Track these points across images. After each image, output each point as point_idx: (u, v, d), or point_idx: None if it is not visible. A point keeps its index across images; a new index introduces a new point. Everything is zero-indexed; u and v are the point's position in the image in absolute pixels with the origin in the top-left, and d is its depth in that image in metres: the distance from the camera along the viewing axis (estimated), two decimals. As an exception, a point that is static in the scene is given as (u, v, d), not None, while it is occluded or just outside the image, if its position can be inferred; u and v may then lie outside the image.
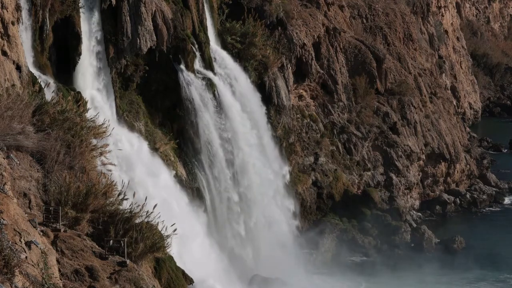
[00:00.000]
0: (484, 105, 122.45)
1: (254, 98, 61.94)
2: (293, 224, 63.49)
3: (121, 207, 35.19)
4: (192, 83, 55.70)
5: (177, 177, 53.76)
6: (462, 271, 59.54)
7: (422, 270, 59.53)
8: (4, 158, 30.30)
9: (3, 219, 24.13)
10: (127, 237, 33.44)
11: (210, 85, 57.05)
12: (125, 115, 52.74)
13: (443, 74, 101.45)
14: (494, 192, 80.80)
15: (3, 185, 27.04)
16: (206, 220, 54.65)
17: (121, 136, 50.16)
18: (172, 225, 36.87)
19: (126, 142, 50.23)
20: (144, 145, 52.25)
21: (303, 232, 64.01)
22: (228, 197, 56.68)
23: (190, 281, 40.99)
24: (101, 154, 40.76)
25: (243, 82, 61.30)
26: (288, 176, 63.89)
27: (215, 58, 59.44)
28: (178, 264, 40.46)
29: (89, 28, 50.08)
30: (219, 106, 57.30)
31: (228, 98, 58.47)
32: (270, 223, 60.04)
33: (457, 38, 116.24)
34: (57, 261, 28.35)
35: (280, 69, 65.77)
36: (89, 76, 50.11)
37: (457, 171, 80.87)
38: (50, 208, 31.71)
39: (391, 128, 74.48)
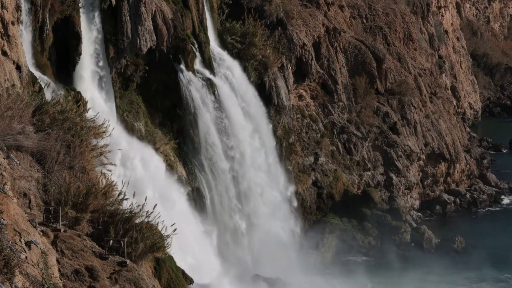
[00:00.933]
0: (484, 105, 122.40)
1: (254, 99, 61.93)
2: (293, 225, 63.54)
3: (121, 207, 35.19)
4: (192, 83, 55.70)
5: (189, 196, 53.68)
6: (463, 271, 59.49)
7: (422, 270, 59.50)
8: (4, 158, 30.30)
9: (3, 219, 24.12)
10: (127, 237, 33.44)
11: (210, 85, 57.06)
12: (125, 115, 52.74)
13: (443, 74, 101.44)
14: (494, 192, 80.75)
15: (3, 185, 27.03)
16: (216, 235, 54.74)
17: (135, 154, 50.00)
18: (172, 225, 36.89)
19: (139, 162, 49.89)
20: (160, 164, 52.09)
21: (303, 232, 63.99)
22: (227, 192, 56.71)
23: (190, 281, 40.99)
24: (101, 154, 40.75)
25: (243, 82, 61.28)
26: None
27: (215, 58, 59.44)
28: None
29: (89, 28, 50.05)
30: (219, 106, 57.31)
31: (228, 98, 58.48)
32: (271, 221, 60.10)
33: (457, 38, 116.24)
34: (57, 261, 28.34)
35: (280, 69, 65.76)
36: (89, 76, 50.09)
37: (457, 171, 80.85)
38: (50, 208, 31.71)
39: (391, 128, 74.47)
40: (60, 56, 48.45)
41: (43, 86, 43.35)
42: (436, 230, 68.19)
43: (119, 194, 36.12)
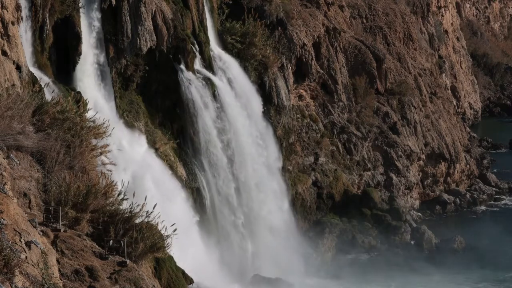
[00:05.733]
0: (484, 105, 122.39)
1: (254, 99, 61.92)
2: (293, 225, 63.53)
3: (121, 207, 35.20)
4: (192, 83, 55.71)
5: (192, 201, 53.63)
6: (463, 271, 59.47)
7: (422, 270, 59.50)
8: (4, 158, 30.31)
9: (3, 219, 24.11)
10: (127, 237, 33.45)
11: (210, 85, 57.07)
12: (125, 115, 52.75)
13: (443, 74, 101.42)
14: (494, 192, 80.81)
15: (3, 185, 27.03)
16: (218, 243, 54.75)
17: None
18: (172, 225, 36.89)
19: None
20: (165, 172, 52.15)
21: (303, 232, 63.99)
22: (227, 193, 56.73)
23: (190, 281, 41.01)
24: (101, 154, 40.76)
25: (243, 82, 61.27)
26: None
27: (215, 58, 59.44)
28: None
29: (89, 28, 50.08)
30: (219, 106, 57.32)
31: (228, 98, 58.48)
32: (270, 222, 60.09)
33: (457, 38, 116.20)
34: (57, 261, 28.34)
35: (280, 69, 65.75)
36: (89, 76, 50.10)
37: (457, 171, 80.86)
38: (50, 208, 31.71)
39: (391, 128, 74.47)
40: (60, 56, 48.47)
41: (43, 86, 43.35)
42: (436, 230, 68.13)
43: (119, 194, 36.13)
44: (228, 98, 58.39)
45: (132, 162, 48.61)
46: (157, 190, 47.31)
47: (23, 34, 44.50)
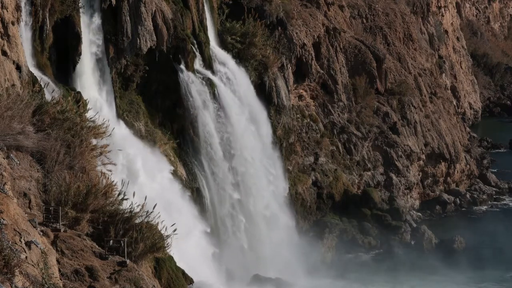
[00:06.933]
0: (484, 105, 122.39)
1: (254, 99, 61.90)
2: (293, 225, 63.51)
3: (121, 207, 35.19)
4: (192, 83, 55.71)
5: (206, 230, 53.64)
6: (463, 271, 59.46)
7: (423, 270, 59.51)
8: (4, 158, 30.31)
9: (3, 219, 24.10)
10: (127, 237, 33.46)
11: (210, 85, 57.07)
12: (125, 115, 52.74)
13: (443, 74, 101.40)
14: (494, 192, 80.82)
15: (3, 185, 27.02)
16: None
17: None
18: (172, 225, 36.88)
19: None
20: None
21: (303, 232, 63.99)
22: (228, 192, 56.75)
23: (190, 281, 41.01)
24: (101, 154, 40.75)
25: (243, 82, 61.26)
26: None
27: (215, 58, 59.44)
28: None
29: (89, 28, 50.07)
30: (219, 106, 57.33)
31: (228, 98, 58.47)
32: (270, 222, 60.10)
33: (457, 38, 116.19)
34: (57, 261, 28.34)
35: (280, 69, 65.75)
36: (89, 76, 50.09)
37: (457, 171, 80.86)
38: (50, 208, 31.71)
39: (391, 128, 74.48)
40: (60, 56, 48.45)
41: (43, 86, 43.33)
42: (436, 230, 68.14)
43: (119, 194, 36.13)
44: (228, 98, 58.35)
45: (147, 192, 46.75)
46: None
47: (23, 34, 44.48)
